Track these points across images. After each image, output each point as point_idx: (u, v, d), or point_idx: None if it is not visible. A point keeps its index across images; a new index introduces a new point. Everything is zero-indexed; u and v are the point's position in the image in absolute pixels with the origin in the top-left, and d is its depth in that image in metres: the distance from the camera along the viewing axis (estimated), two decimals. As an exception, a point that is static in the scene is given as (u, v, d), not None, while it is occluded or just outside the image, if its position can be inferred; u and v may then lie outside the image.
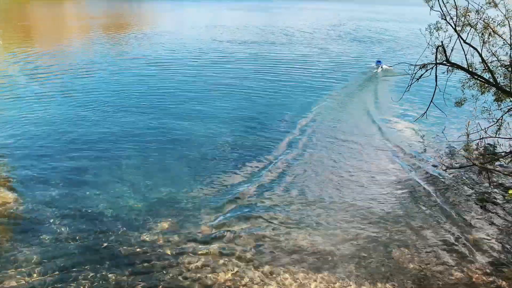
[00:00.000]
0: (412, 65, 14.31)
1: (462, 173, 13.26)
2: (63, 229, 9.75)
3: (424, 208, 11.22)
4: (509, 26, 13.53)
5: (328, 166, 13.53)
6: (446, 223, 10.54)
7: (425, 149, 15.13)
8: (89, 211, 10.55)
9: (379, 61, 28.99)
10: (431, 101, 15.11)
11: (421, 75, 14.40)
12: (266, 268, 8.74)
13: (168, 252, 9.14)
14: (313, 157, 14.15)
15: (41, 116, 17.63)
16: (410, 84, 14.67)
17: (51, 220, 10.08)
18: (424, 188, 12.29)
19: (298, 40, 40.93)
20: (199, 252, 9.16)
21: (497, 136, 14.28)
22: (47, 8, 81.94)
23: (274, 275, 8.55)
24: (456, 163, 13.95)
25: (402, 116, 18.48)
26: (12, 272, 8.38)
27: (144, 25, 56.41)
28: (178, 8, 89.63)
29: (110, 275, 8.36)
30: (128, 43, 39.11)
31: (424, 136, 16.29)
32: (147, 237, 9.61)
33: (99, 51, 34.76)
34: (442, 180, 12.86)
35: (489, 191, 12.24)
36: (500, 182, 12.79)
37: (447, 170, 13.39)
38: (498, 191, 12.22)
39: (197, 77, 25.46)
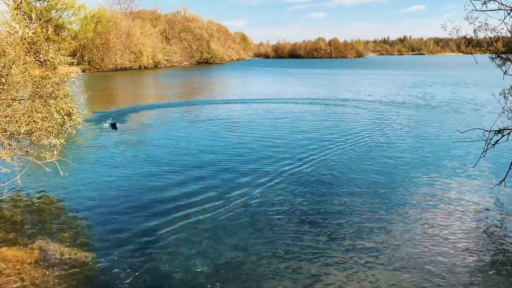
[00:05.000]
0: (486, 130, 13.85)
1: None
2: (135, 291, 10.05)
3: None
4: None
5: (397, 234, 12.92)
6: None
7: (506, 219, 14.03)
8: (160, 273, 10.80)
9: (114, 123, 30.59)
10: (510, 167, 14.38)
11: (497, 140, 13.88)
12: None
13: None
14: (382, 221, 13.62)
15: (115, 176, 18.87)
16: (485, 149, 14.15)
17: (125, 281, 10.43)
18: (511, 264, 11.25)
19: (358, 111, 41.28)
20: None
21: None
22: (127, 79, 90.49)
23: None
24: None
25: (478, 183, 17.47)
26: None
27: (212, 92, 60.11)
28: (244, 77, 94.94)
29: None
30: (196, 108, 41.72)
31: (503, 205, 15.18)
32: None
33: (172, 114, 37.47)
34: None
35: None
36: None
37: (535, 244, 12.22)
38: None
39: (265, 138, 26.29)
